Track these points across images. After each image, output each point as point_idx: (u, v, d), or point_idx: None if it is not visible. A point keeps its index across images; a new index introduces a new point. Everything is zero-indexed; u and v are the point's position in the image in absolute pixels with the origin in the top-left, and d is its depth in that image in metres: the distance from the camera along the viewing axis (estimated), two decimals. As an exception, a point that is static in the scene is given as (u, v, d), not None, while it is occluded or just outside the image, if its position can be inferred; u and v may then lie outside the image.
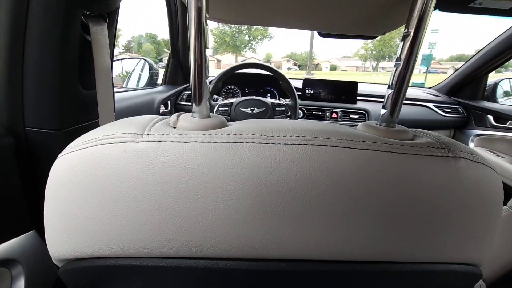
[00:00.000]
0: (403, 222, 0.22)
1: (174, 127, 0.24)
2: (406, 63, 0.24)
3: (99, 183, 0.22)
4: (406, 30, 0.24)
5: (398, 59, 0.24)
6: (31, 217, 0.46)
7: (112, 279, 0.26)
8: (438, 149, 0.23)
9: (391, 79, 0.25)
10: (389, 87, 0.26)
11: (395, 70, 0.25)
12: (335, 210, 0.22)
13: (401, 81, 0.24)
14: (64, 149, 0.25)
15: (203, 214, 0.21)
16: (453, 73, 1.63)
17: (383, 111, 0.26)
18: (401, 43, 0.24)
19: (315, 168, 0.21)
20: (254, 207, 0.21)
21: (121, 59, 1.62)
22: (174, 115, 0.26)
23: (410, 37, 0.23)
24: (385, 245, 0.23)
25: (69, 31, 0.41)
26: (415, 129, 0.28)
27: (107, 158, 0.22)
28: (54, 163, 0.25)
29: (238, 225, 0.22)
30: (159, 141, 0.22)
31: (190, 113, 0.26)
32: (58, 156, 0.25)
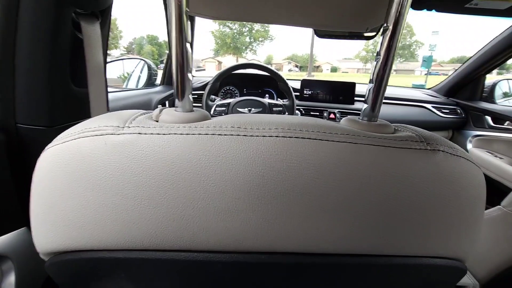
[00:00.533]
0: (383, 214, 0.22)
1: (157, 121, 0.25)
2: (386, 57, 0.24)
3: (81, 175, 0.22)
4: (385, 25, 0.24)
5: (378, 54, 0.24)
6: (22, 214, 0.46)
7: (97, 272, 0.27)
8: (416, 142, 0.23)
9: (372, 74, 0.25)
10: (370, 82, 0.26)
11: (375, 65, 0.25)
12: (315, 202, 0.22)
13: (381, 75, 0.25)
14: (51, 143, 0.25)
15: (182, 205, 0.22)
16: (451, 74, 1.63)
17: (364, 106, 0.26)
18: (381, 38, 0.24)
19: (293, 160, 0.21)
20: (232, 199, 0.21)
21: (121, 59, 1.63)
22: (157, 109, 0.26)
23: (389, 31, 0.23)
24: (366, 238, 0.23)
25: (59, 28, 0.41)
26: (398, 124, 0.28)
27: (88, 150, 0.22)
28: (40, 156, 0.25)
29: (218, 217, 0.22)
30: (139, 133, 0.22)
31: (174, 108, 0.26)
32: (44, 149, 0.25)
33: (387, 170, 0.22)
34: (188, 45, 0.24)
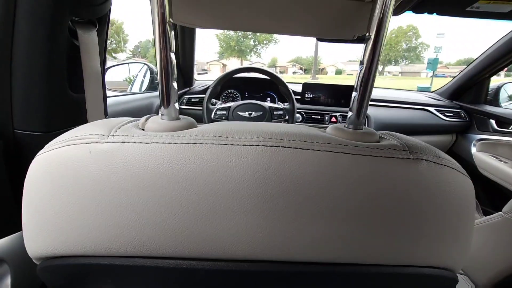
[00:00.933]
0: (366, 223, 0.22)
1: (143, 129, 0.25)
2: (369, 66, 0.24)
3: (67, 182, 0.23)
4: (367, 34, 0.24)
5: (361, 63, 0.24)
6: (18, 218, 0.47)
7: (84, 278, 0.27)
8: (399, 151, 0.23)
9: (356, 83, 0.25)
10: (354, 90, 0.26)
11: (359, 73, 0.25)
12: (294, 211, 0.22)
13: (365, 84, 0.25)
14: (41, 150, 0.26)
15: (164, 213, 0.22)
16: (456, 76, 1.62)
17: (350, 114, 0.26)
18: (363, 46, 0.24)
19: (272, 169, 0.21)
20: (212, 207, 0.21)
21: (127, 63, 1.66)
22: (144, 117, 0.26)
23: (371, 40, 0.23)
24: (350, 247, 0.23)
25: (56, 36, 0.42)
26: (384, 131, 0.28)
27: (74, 158, 0.23)
28: (32, 163, 0.26)
29: (198, 224, 0.22)
30: (123, 142, 0.22)
31: (160, 115, 0.26)
32: (35, 156, 0.26)
33: (368, 179, 0.22)
34: (172, 54, 0.24)
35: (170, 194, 0.21)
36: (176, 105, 0.26)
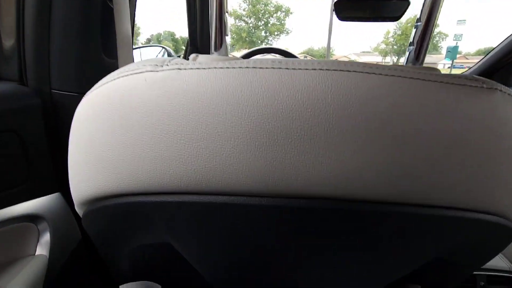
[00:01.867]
0: (426, 157, 0.21)
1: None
2: (427, 20, 0.23)
3: (121, 113, 0.22)
4: None
5: (418, 20, 0.23)
6: (56, 179, 0.48)
7: (133, 218, 0.27)
8: (471, 80, 0.21)
9: (413, 37, 0.24)
10: (410, 44, 0.24)
11: (416, 30, 0.23)
12: (359, 138, 0.20)
13: (422, 38, 0.23)
14: (90, 90, 0.25)
15: (222, 140, 0.21)
16: (481, 59, 1.54)
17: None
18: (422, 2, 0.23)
19: (338, 93, 0.20)
20: (273, 133, 0.21)
21: (143, 46, 1.68)
22: (193, 54, 0.26)
23: None
24: (414, 184, 0.22)
25: None
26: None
27: (128, 88, 0.22)
28: (80, 103, 0.25)
29: (257, 153, 0.21)
30: (179, 69, 0.22)
31: (209, 54, 0.26)
32: (84, 96, 0.26)
33: (436, 106, 0.20)
34: (226, 14, 0.24)
35: (228, 120, 0.21)
36: (229, 47, 0.25)
